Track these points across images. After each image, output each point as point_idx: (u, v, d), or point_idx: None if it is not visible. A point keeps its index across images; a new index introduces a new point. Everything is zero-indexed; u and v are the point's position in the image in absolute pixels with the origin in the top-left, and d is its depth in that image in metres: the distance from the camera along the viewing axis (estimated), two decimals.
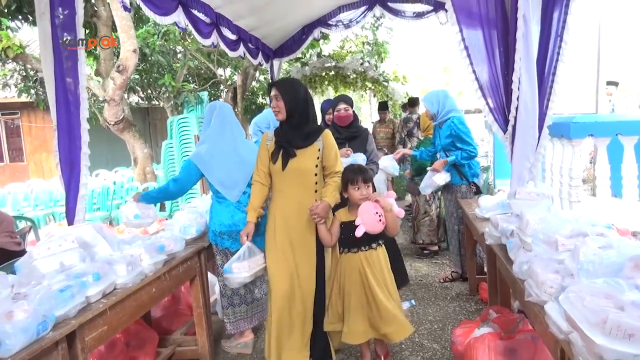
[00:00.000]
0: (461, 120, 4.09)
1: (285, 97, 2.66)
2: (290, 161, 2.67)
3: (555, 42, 2.70)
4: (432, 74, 26.84)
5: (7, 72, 9.66)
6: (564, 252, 1.76)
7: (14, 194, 8.52)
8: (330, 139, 2.77)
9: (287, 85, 2.75)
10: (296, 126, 2.69)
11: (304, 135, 2.70)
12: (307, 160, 2.69)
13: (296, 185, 2.72)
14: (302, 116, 2.70)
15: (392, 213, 2.62)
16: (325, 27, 6.10)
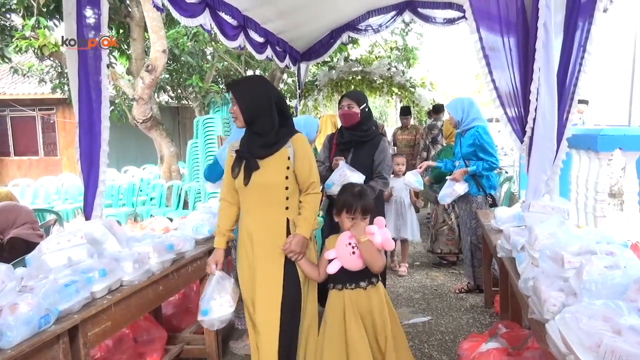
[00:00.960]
0: (485, 130, 4.01)
1: (241, 100, 2.26)
2: (253, 175, 2.26)
3: (577, 52, 2.61)
4: (463, 81, 26.51)
5: (43, 68, 10.00)
6: (570, 270, 1.70)
7: (46, 187, 8.80)
8: (304, 144, 2.33)
9: (243, 86, 2.31)
10: (259, 133, 2.26)
11: (265, 142, 2.27)
12: (273, 172, 2.27)
13: (264, 203, 2.30)
14: (264, 121, 2.26)
15: (368, 245, 2.17)
16: (354, 31, 6.09)
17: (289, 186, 2.29)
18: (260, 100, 2.26)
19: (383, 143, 3.25)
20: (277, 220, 2.30)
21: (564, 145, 2.69)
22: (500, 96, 2.85)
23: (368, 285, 2.27)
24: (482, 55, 2.87)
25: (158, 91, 10.04)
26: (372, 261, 2.18)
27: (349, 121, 3.16)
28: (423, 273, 4.94)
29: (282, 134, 2.30)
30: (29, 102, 13.43)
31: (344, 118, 3.18)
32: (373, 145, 3.22)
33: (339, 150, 3.10)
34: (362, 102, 3.19)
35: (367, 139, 3.22)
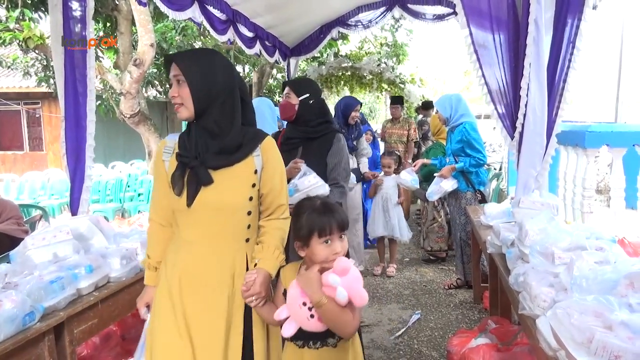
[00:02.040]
0: (473, 127, 4.02)
1: (190, 78, 1.58)
2: (202, 192, 1.59)
3: (567, 48, 2.62)
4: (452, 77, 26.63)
5: (28, 61, 9.84)
6: (560, 266, 1.71)
7: (31, 182, 8.67)
8: (275, 152, 1.74)
9: (194, 59, 1.63)
10: (213, 131, 1.62)
11: (224, 145, 1.62)
12: (232, 190, 1.63)
13: (215, 233, 1.64)
14: (222, 114, 1.62)
15: (330, 307, 1.47)
16: (344, 27, 6.07)
17: (253, 210, 1.68)
18: (218, 81, 1.61)
19: (338, 142, 2.60)
20: (231, 258, 1.66)
21: (553, 141, 2.69)
22: (491, 92, 2.85)
23: (339, 341, 1.58)
24: (472, 50, 2.87)
25: (146, 86, 9.93)
26: (338, 327, 1.51)
27: (285, 114, 2.63)
28: (412, 269, 4.95)
29: (249, 136, 1.67)
30: (14, 96, 13.21)
31: (281, 110, 2.67)
32: (325, 144, 2.59)
33: (283, 151, 2.50)
34: (302, 92, 2.60)
35: (316, 135, 2.60)
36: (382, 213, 4.72)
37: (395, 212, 4.72)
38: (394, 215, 4.70)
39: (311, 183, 2.39)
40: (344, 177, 2.62)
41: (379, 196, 4.76)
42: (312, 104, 2.59)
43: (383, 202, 4.74)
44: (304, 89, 2.62)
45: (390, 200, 4.72)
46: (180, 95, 1.60)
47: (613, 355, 1.15)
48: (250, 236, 1.71)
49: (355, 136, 4.46)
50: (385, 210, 4.72)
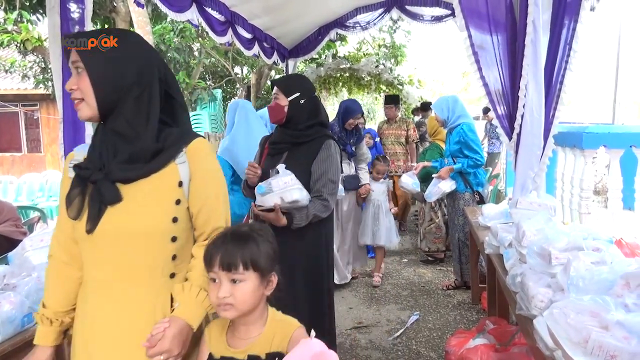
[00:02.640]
0: (470, 128, 4.04)
1: (92, 66, 1.22)
2: (108, 214, 1.23)
3: (564, 50, 2.63)
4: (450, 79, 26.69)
5: (26, 64, 9.84)
6: (557, 266, 1.71)
7: (29, 184, 8.66)
8: (207, 156, 1.36)
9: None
10: (125, 135, 1.25)
11: (134, 151, 1.24)
12: (150, 208, 1.25)
13: (128, 268, 1.26)
14: (138, 110, 1.25)
15: None
16: (342, 28, 6.08)
17: (180, 236, 1.30)
18: (130, 69, 1.25)
19: (327, 149, 2.32)
20: (151, 302, 1.27)
21: (550, 142, 2.71)
22: (490, 93, 2.86)
23: None
24: (471, 52, 2.88)
25: None
26: None
27: (274, 117, 2.39)
28: (411, 270, 4.96)
29: (172, 139, 1.29)
30: (12, 98, 13.19)
31: (269, 113, 2.48)
32: (312, 150, 2.32)
33: (269, 155, 2.41)
34: (292, 91, 2.35)
35: (304, 140, 2.35)
36: (372, 221, 4.50)
37: (386, 219, 4.50)
38: (384, 223, 4.48)
39: (287, 184, 2.13)
40: (330, 191, 2.27)
41: (370, 203, 4.56)
42: (303, 104, 2.34)
43: (374, 209, 4.52)
44: (293, 88, 2.35)
45: (381, 207, 4.52)
46: (79, 88, 1.22)
47: (609, 354, 1.16)
48: (177, 270, 1.31)
49: (355, 141, 4.28)
50: (375, 218, 4.50)
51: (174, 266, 1.30)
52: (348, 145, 4.21)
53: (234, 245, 1.18)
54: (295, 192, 2.12)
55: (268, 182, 2.16)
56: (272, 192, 2.13)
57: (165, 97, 1.33)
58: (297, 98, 2.33)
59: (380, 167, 4.55)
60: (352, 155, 4.27)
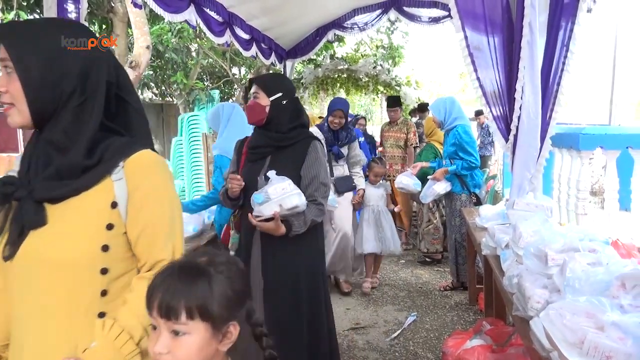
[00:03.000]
0: (465, 130, 4.07)
1: (24, 66, 1.03)
2: (30, 238, 1.04)
3: (561, 51, 2.64)
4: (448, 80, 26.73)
5: None
6: (554, 267, 1.72)
7: None
8: (150, 173, 1.14)
9: (34, 34, 1.06)
10: (60, 146, 1.07)
11: (62, 164, 1.06)
12: (75, 234, 1.05)
13: (50, 304, 1.06)
14: (79, 118, 1.07)
15: None
16: (340, 29, 6.08)
17: (111, 267, 1.08)
18: (70, 70, 1.07)
19: (314, 152, 2.22)
20: (73, 346, 1.05)
21: (547, 144, 2.72)
22: (486, 94, 2.87)
23: None
24: (467, 53, 2.89)
25: (142, 88, 9.93)
26: None
27: (253, 117, 2.21)
28: (408, 271, 4.96)
29: (110, 151, 1.10)
30: None
31: (246, 113, 2.28)
32: (298, 153, 2.21)
33: (249, 161, 2.26)
34: (274, 91, 2.20)
35: (288, 143, 2.22)
36: (375, 227, 4.30)
37: (387, 225, 4.35)
38: (387, 228, 4.33)
39: (285, 190, 2.02)
40: (323, 193, 2.21)
41: (369, 209, 4.35)
42: (286, 104, 2.20)
43: (374, 215, 4.33)
44: (275, 88, 2.20)
45: (381, 212, 4.35)
46: (9, 92, 1.04)
47: (604, 355, 1.17)
48: (108, 309, 1.08)
49: (345, 141, 4.07)
50: (377, 225, 4.32)
51: (103, 304, 1.07)
52: (335, 146, 4.01)
53: (179, 284, 0.90)
54: (294, 198, 2.03)
55: (264, 191, 2.03)
56: (271, 200, 2.00)
57: (116, 101, 1.14)
58: (279, 98, 2.19)
59: (378, 169, 4.39)
60: (339, 157, 4.05)
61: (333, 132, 4.03)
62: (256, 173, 2.20)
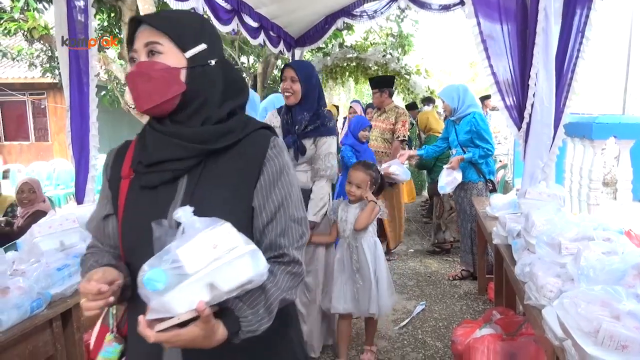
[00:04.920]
0: (482, 117, 4.04)
1: None
2: None
3: (576, 38, 2.59)
4: (458, 69, 26.49)
5: (33, 52, 9.84)
6: (567, 256, 1.70)
7: (37, 172, 8.71)
8: None
9: None
10: None
11: None
12: None
13: None
14: None
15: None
16: (349, 17, 6.02)
17: None
18: None
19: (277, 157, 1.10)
20: None
21: (560, 132, 2.68)
22: (499, 83, 2.83)
23: None
24: (480, 41, 2.84)
25: None
26: None
27: (152, 96, 1.04)
28: (417, 260, 4.95)
29: None
30: (19, 87, 13.23)
31: (133, 87, 1.07)
32: (245, 162, 1.09)
33: (141, 188, 1.07)
34: (190, 41, 1.07)
35: (223, 144, 1.07)
36: (351, 275, 2.73)
37: (372, 267, 2.70)
38: (370, 273, 2.69)
39: (220, 250, 0.87)
40: (298, 239, 1.09)
41: (343, 248, 2.77)
42: (214, 67, 1.09)
43: (349, 252, 2.73)
44: (192, 36, 1.07)
45: (361, 250, 2.71)
46: None
47: (620, 344, 1.15)
48: None
49: (308, 130, 2.65)
50: (352, 270, 2.72)
51: None
52: (289, 135, 2.64)
53: None
54: (242, 265, 0.89)
55: (169, 258, 0.86)
56: (188, 279, 0.85)
57: None
58: (202, 54, 1.08)
59: (356, 174, 2.75)
60: (296, 155, 2.64)
61: (289, 112, 2.69)
62: (156, 214, 1.01)
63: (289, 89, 2.60)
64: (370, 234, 2.78)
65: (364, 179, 2.71)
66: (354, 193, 2.73)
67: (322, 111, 2.70)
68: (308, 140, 2.66)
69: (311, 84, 2.64)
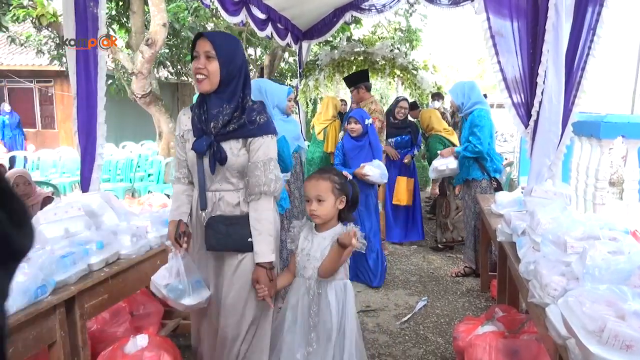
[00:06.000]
0: (481, 114, 4.04)
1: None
2: None
3: (587, 35, 2.56)
4: (465, 65, 26.35)
5: (42, 39, 9.85)
6: (573, 255, 1.69)
7: (43, 159, 8.74)
8: None
9: None
10: None
11: None
12: None
13: None
14: None
15: None
16: (357, 10, 6.00)
17: None
18: None
19: None
20: None
21: (568, 130, 2.66)
22: (506, 80, 2.81)
23: None
24: (488, 36, 2.82)
25: (157, 66, 9.92)
26: None
27: None
28: (420, 256, 4.95)
29: None
30: (27, 74, 13.26)
31: None
32: None
33: None
34: None
35: None
36: (304, 333, 2.00)
37: (337, 317, 1.97)
38: (331, 339, 1.96)
39: None
40: None
41: (299, 292, 2.04)
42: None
43: (310, 303, 2.00)
44: None
45: (327, 303, 1.97)
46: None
47: (625, 344, 1.14)
48: None
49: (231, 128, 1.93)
50: (311, 327, 2.00)
51: None
52: (202, 137, 1.92)
53: None
54: None
55: None
56: None
57: None
58: None
59: (310, 185, 2.01)
60: (219, 160, 1.91)
61: (202, 102, 1.97)
62: None
63: (202, 70, 1.87)
64: (340, 275, 1.99)
65: (324, 188, 1.94)
66: (317, 212, 1.94)
67: (248, 103, 1.97)
68: (232, 144, 1.93)
69: (234, 64, 1.92)
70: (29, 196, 3.66)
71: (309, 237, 2.04)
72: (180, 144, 2.04)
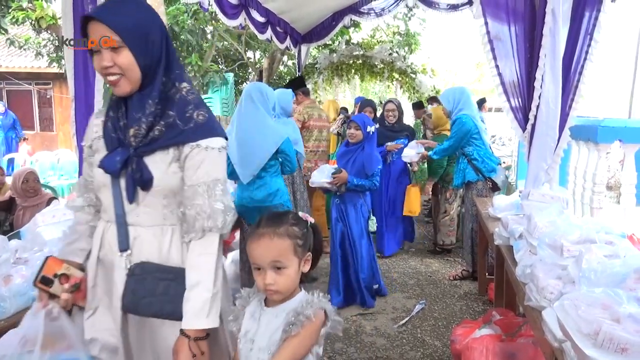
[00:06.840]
0: (461, 120, 4.16)
1: None
2: None
3: (584, 40, 2.58)
4: (464, 69, 26.42)
5: (40, 41, 9.86)
6: (569, 258, 1.70)
7: (41, 162, 8.73)
8: None
9: None
10: None
11: None
12: None
13: None
14: None
15: None
16: (356, 14, 6.04)
17: None
18: None
19: None
20: None
21: (565, 135, 2.67)
22: (504, 84, 2.83)
23: None
24: (486, 41, 2.84)
25: None
26: None
27: None
28: (418, 259, 4.95)
29: None
30: (25, 76, 13.28)
31: None
32: None
33: None
34: None
35: None
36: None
37: None
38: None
39: None
40: None
41: None
42: None
43: None
44: None
45: None
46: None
47: (620, 347, 1.15)
48: None
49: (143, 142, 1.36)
50: None
51: None
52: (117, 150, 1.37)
53: None
54: None
55: None
56: None
57: None
58: None
59: None
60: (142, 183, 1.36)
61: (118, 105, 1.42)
62: None
63: (111, 68, 1.32)
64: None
65: (283, 249, 1.27)
66: (276, 287, 1.25)
67: (178, 93, 1.41)
68: (159, 156, 1.36)
69: (153, 44, 1.35)
70: (37, 193, 3.67)
71: (255, 314, 1.33)
72: (89, 158, 1.45)
